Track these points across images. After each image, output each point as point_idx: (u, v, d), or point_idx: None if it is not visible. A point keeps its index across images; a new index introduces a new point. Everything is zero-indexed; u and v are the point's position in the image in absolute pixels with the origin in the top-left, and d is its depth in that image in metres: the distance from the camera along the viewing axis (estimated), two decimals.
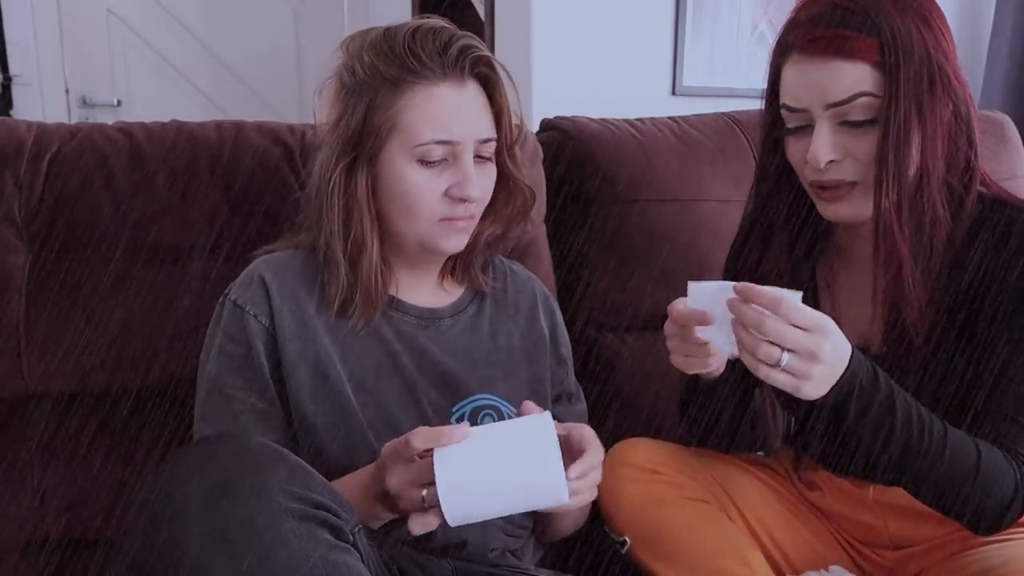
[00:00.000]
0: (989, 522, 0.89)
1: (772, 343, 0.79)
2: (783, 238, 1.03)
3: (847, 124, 0.90)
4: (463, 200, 0.94)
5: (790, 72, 0.93)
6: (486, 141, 0.95)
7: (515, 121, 0.99)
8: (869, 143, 0.90)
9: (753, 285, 0.81)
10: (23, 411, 1.15)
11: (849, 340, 0.96)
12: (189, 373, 1.03)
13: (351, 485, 0.86)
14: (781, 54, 0.95)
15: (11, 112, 2.40)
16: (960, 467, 0.85)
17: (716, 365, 0.93)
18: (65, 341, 1.14)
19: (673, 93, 1.91)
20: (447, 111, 0.92)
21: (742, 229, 1.11)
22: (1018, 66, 2.00)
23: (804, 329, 0.79)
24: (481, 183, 0.95)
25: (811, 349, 0.79)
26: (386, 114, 0.91)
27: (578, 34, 1.79)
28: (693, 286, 0.86)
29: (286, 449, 0.74)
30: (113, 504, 1.14)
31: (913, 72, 0.88)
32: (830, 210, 0.96)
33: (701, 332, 0.87)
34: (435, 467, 0.77)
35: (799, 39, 0.91)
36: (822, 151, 0.91)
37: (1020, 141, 1.62)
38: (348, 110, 0.92)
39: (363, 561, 0.74)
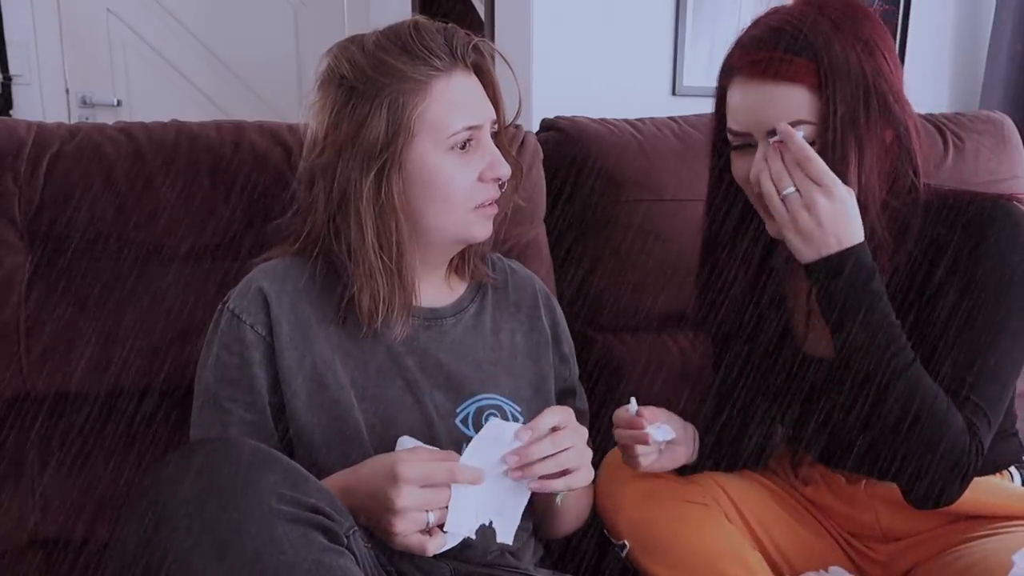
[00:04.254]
0: (931, 482, 0.89)
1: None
2: (743, 253, 1.04)
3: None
4: (496, 180, 0.96)
5: (733, 95, 0.94)
6: (494, 122, 0.98)
7: (505, 104, 1.02)
8: None
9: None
10: (23, 411, 1.15)
11: (816, 352, 1.01)
12: (188, 373, 1.04)
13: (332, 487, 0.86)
14: (725, 76, 0.96)
15: (11, 112, 2.40)
16: (923, 391, 0.87)
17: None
18: (65, 341, 1.14)
19: (673, 93, 1.91)
20: (468, 98, 0.95)
21: (704, 247, 1.10)
22: (1018, 67, 1.99)
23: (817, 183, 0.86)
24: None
25: (812, 195, 0.86)
26: (414, 112, 0.91)
27: (578, 34, 1.78)
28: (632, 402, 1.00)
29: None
30: (113, 504, 1.14)
31: (849, 95, 0.88)
32: (772, 227, 0.95)
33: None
34: (452, 504, 0.82)
35: (740, 61, 0.93)
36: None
37: (1020, 141, 1.62)
38: (366, 117, 0.91)
39: (358, 563, 0.74)
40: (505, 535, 0.88)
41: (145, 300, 1.16)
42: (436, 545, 0.82)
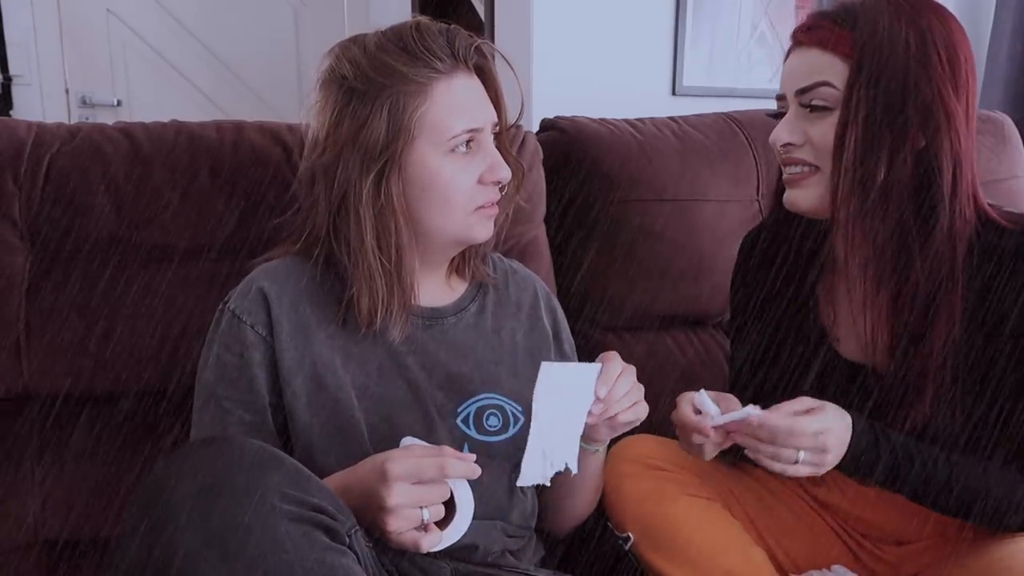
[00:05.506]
0: (1013, 531, 0.93)
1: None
2: (783, 254, 1.05)
3: (810, 109, 0.93)
4: (496, 183, 0.96)
5: (785, 63, 0.98)
6: (496, 124, 0.98)
7: (507, 104, 1.02)
8: (824, 129, 0.92)
9: (767, 417, 0.88)
10: (23, 411, 1.15)
11: (851, 354, 1.01)
12: (188, 373, 1.04)
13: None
14: (787, 52, 0.99)
15: (11, 112, 2.40)
16: (968, 496, 0.91)
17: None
18: (65, 341, 1.14)
19: (673, 93, 1.91)
20: (469, 100, 0.94)
21: (746, 249, 1.14)
22: (1018, 67, 2.00)
23: (812, 434, 0.88)
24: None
25: (820, 447, 0.88)
26: (414, 114, 0.91)
27: (578, 34, 1.79)
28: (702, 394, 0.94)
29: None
30: (113, 504, 1.14)
31: (882, 77, 0.88)
32: (787, 197, 0.98)
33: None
34: (457, 499, 0.83)
35: (796, 30, 0.96)
36: (781, 132, 0.96)
37: (1020, 141, 1.62)
38: (367, 118, 0.91)
39: (359, 563, 0.74)
40: (574, 465, 0.90)
41: (145, 300, 1.16)
42: (430, 542, 0.82)
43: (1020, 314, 0.90)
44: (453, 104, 0.93)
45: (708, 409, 0.92)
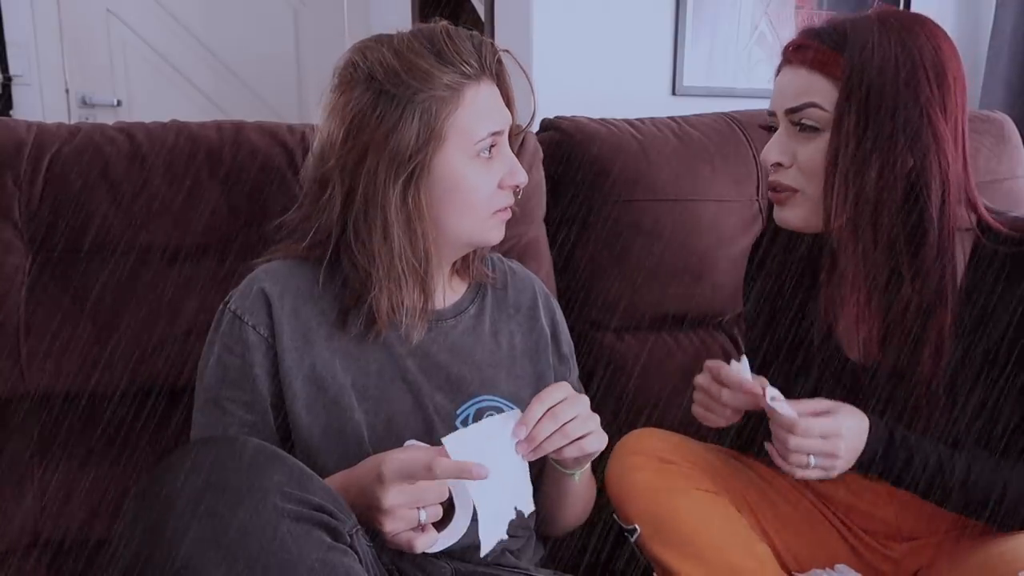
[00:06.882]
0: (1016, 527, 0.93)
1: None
2: (787, 262, 1.06)
3: (799, 128, 0.94)
4: (515, 186, 0.97)
5: (775, 80, 0.98)
6: (511, 127, 0.99)
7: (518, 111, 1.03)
8: (813, 151, 0.93)
9: (774, 404, 0.92)
10: (23, 411, 1.15)
11: (853, 357, 1.02)
12: (188, 373, 1.04)
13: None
14: (778, 66, 0.99)
15: (11, 112, 2.40)
16: (981, 498, 0.92)
17: (732, 420, 1.01)
18: (65, 341, 1.13)
19: (673, 93, 1.91)
20: (493, 105, 0.95)
21: (754, 251, 1.15)
22: (1018, 66, 2.00)
23: (821, 437, 0.91)
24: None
25: (829, 451, 0.91)
26: (447, 119, 0.91)
27: (578, 34, 1.79)
28: (743, 361, 0.97)
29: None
30: (113, 504, 1.14)
31: (869, 98, 0.89)
32: (776, 214, 1.00)
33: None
34: (456, 499, 0.82)
35: (786, 49, 0.97)
36: (770, 151, 0.96)
37: (1020, 141, 1.62)
38: (397, 122, 0.89)
39: (360, 562, 0.74)
40: (527, 508, 0.89)
41: (145, 300, 1.16)
42: (424, 543, 0.81)
43: (1021, 320, 0.91)
44: (480, 109, 0.93)
45: (747, 375, 0.95)
